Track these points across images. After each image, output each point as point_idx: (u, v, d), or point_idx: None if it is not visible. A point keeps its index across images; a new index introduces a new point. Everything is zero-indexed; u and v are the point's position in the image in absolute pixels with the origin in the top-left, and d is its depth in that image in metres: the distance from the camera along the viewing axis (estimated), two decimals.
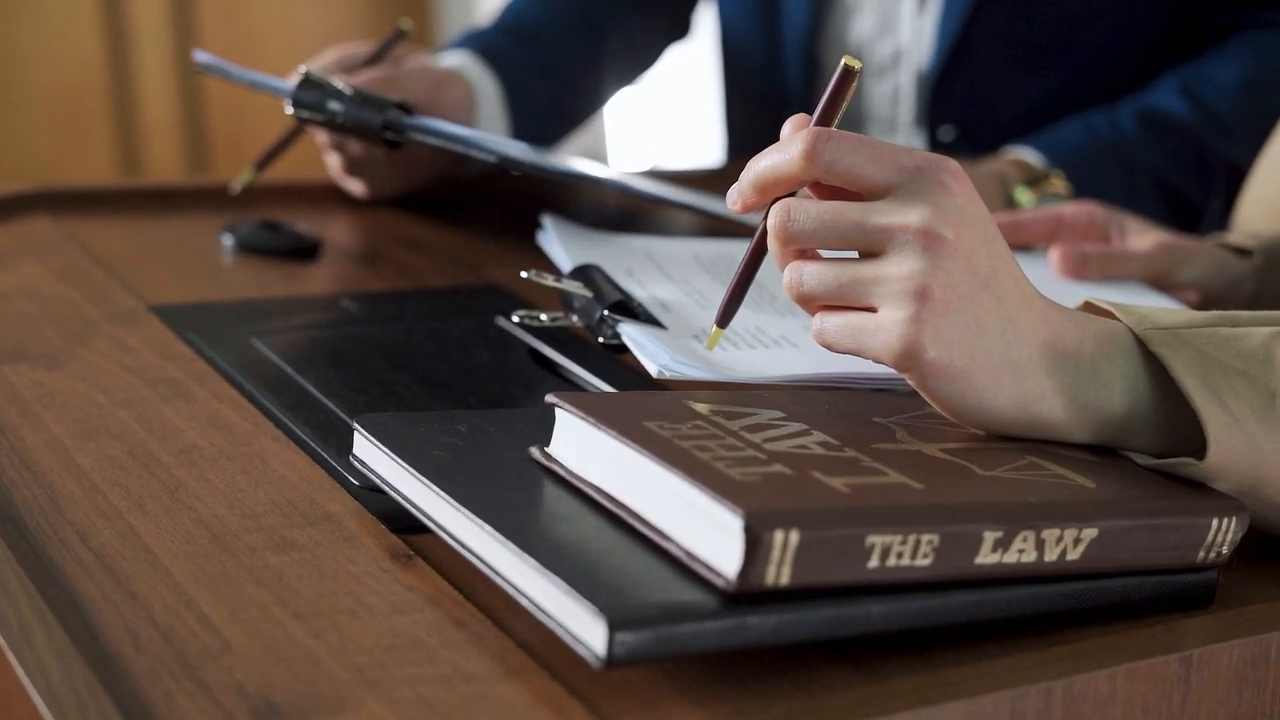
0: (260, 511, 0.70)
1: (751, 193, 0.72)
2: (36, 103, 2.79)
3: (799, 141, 0.69)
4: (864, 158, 0.69)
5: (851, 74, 0.71)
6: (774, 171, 0.70)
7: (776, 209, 0.70)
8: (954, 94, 1.45)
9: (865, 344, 0.68)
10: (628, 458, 0.62)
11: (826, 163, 0.69)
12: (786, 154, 0.70)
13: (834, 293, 0.69)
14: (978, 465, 0.66)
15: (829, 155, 0.69)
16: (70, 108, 2.84)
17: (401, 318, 0.99)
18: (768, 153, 0.71)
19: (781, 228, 0.70)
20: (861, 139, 0.69)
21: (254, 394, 0.83)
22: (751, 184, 0.71)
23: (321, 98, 1.08)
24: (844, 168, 0.69)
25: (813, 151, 0.69)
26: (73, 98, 2.85)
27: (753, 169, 0.71)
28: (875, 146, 0.69)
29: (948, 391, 0.68)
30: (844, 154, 0.69)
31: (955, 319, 0.67)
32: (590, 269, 0.88)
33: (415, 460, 0.66)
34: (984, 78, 1.45)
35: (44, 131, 2.82)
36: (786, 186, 0.71)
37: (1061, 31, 1.43)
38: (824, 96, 0.72)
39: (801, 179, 0.70)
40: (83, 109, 2.86)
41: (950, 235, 0.67)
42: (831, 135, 0.69)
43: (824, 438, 0.66)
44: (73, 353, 0.89)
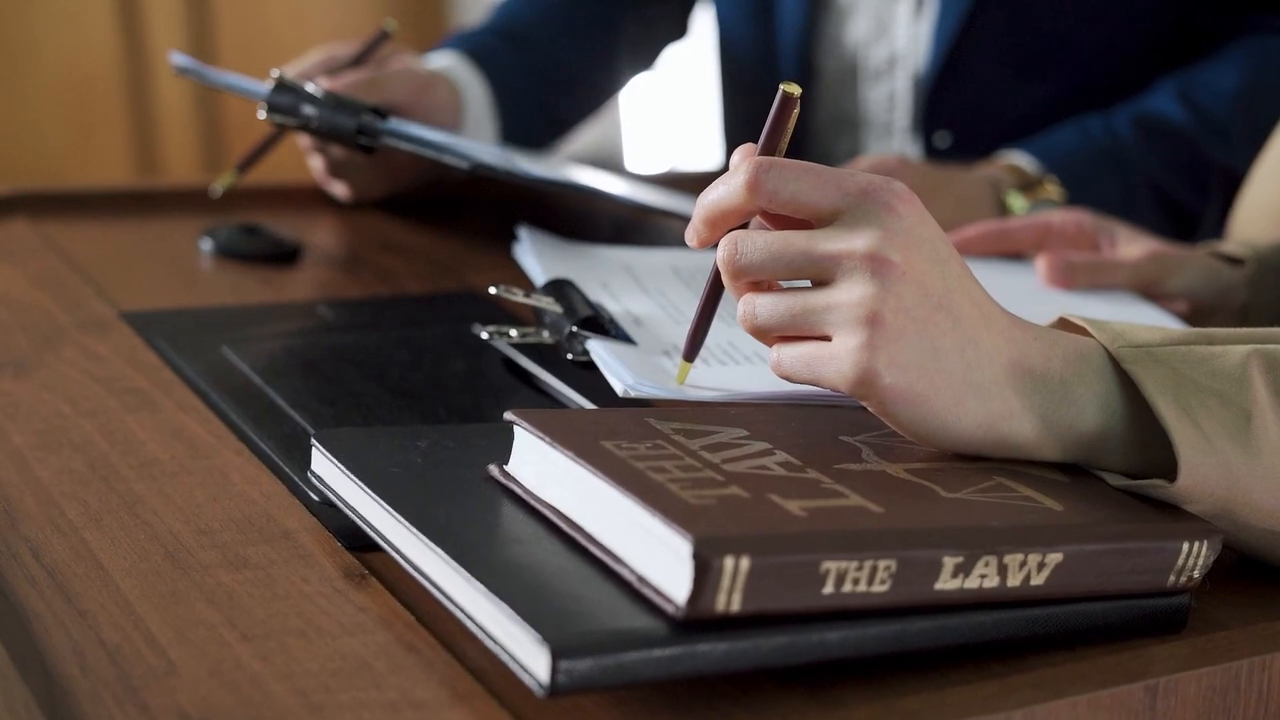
0: (216, 528, 0.69)
1: (703, 228, 0.71)
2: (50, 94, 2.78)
3: (741, 172, 0.69)
4: (807, 185, 0.68)
5: (791, 100, 0.71)
6: (720, 204, 0.70)
7: (724, 242, 0.69)
8: (950, 99, 1.44)
9: (821, 373, 0.68)
10: (582, 478, 0.62)
11: (769, 192, 0.68)
12: (730, 185, 0.69)
13: (788, 323, 0.69)
14: (942, 487, 0.65)
15: (771, 184, 0.68)
16: (84, 99, 2.83)
17: (377, 326, 0.98)
18: (714, 186, 0.70)
19: (730, 261, 0.69)
20: (805, 166, 0.68)
21: (220, 405, 0.82)
22: (701, 219, 0.71)
23: (295, 101, 1.08)
24: (788, 196, 0.68)
25: (755, 182, 0.68)
26: (86, 89, 2.84)
27: (701, 203, 0.71)
28: (819, 173, 0.68)
29: (908, 416, 0.67)
30: (786, 182, 0.68)
31: (909, 343, 0.66)
32: (562, 283, 0.88)
33: (370, 478, 0.66)
34: (980, 82, 1.44)
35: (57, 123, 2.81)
36: (735, 219, 0.70)
37: (1058, 36, 1.42)
38: (766, 125, 0.71)
39: (747, 210, 0.69)
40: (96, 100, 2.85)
41: (898, 258, 0.66)
42: (774, 165, 0.68)
43: (786, 458, 0.65)
44: (41, 360, 0.88)
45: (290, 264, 1.11)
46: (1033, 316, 0.79)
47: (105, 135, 2.87)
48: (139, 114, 2.92)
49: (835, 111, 1.52)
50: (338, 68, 1.21)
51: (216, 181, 1.20)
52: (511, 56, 1.38)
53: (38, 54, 2.76)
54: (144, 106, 2.93)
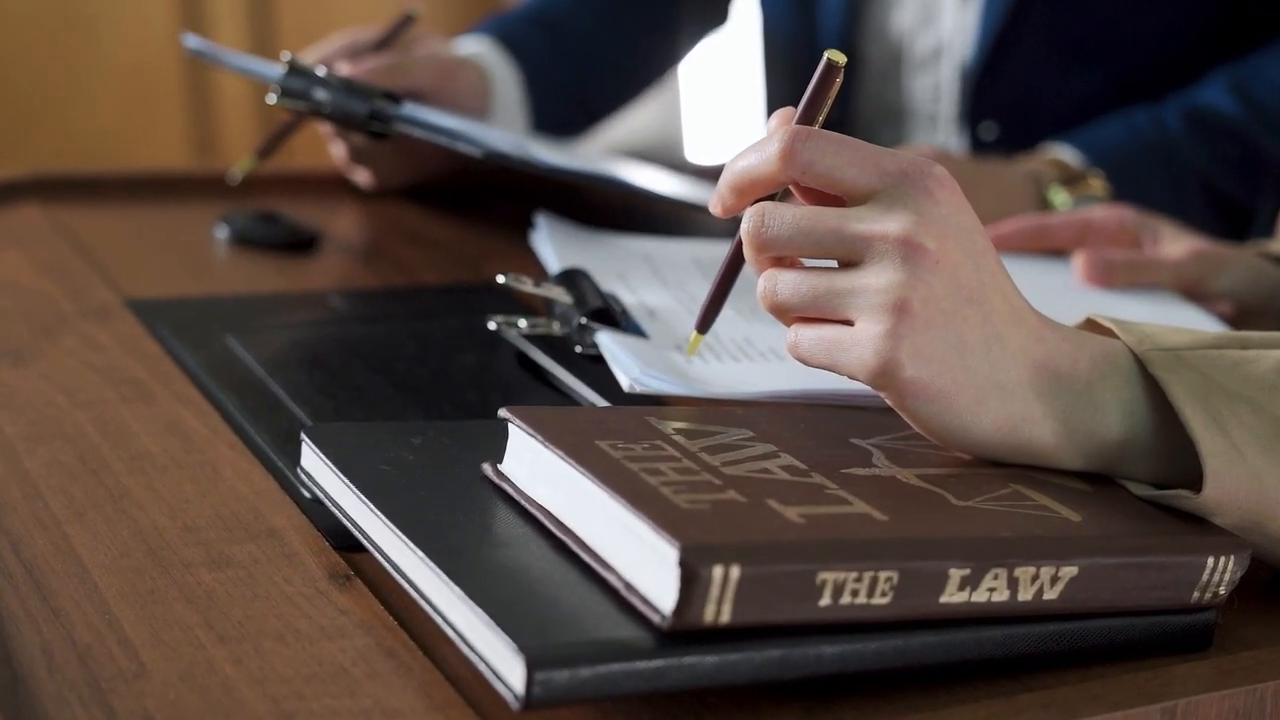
0: (202, 524, 0.68)
1: (729, 195, 0.68)
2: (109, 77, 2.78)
3: (776, 140, 0.66)
4: (844, 159, 0.65)
5: (835, 69, 0.68)
6: (750, 172, 0.67)
7: (750, 213, 0.67)
8: (996, 89, 1.41)
9: (840, 359, 0.65)
10: (572, 478, 0.60)
11: (804, 163, 0.66)
12: (763, 153, 0.67)
13: (809, 304, 0.66)
14: (954, 494, 0.63)
15: (807, 155, 0.65)
16: (143, 82, 2.82)
17: (388, 317, 0.97)
18: (746, 152, 0.68)
19: (755, 233, 0.67)
20: (844, 140, 0.66)
21: (218, 397, 0.81)
22: (729, 185, 0.68)
23: (307, 86, 1.06)
24: (823, 169, 0.66)
25: (790, 151, 0.66)
26: (146, 72, 2.83)
27: (730, 169, 0.68)
28: (857, 148, 0.66)
29: (927, 412, 0.65)
30: (823, 155, 0.65)
31: (936, 335, 0.64)
32: (575, 273, 0.86)
33: (356, 474, 0.64)
34: (1028, 73, 1.41)
35: (116, 106, 2.80)
36: (764, 188, 0.68)
37: (1109, 25, 1.38)
38: (806, 93, 0.69)
39: (778, 180, 0.67)
40: (156, 84, 2.84)
41: (932, 245, 0.64)
42: (811, 134, 0.66)
43: (791, 460, 0.63)
44: (41, 349, 0.87)
45: (307, 253, 1.09)
46: (1068, 316, 0.77)
47: (164, 119, 2.86)
48: (198, 98, 2.91)
49: (878, 102, 1.49)
50: (360, 52, 1.20)
51: (235, 167, 1.18)
52: (545, 43, 1.36)
53: (98, 38, 2.76)
54: (203, 90, 2.92)
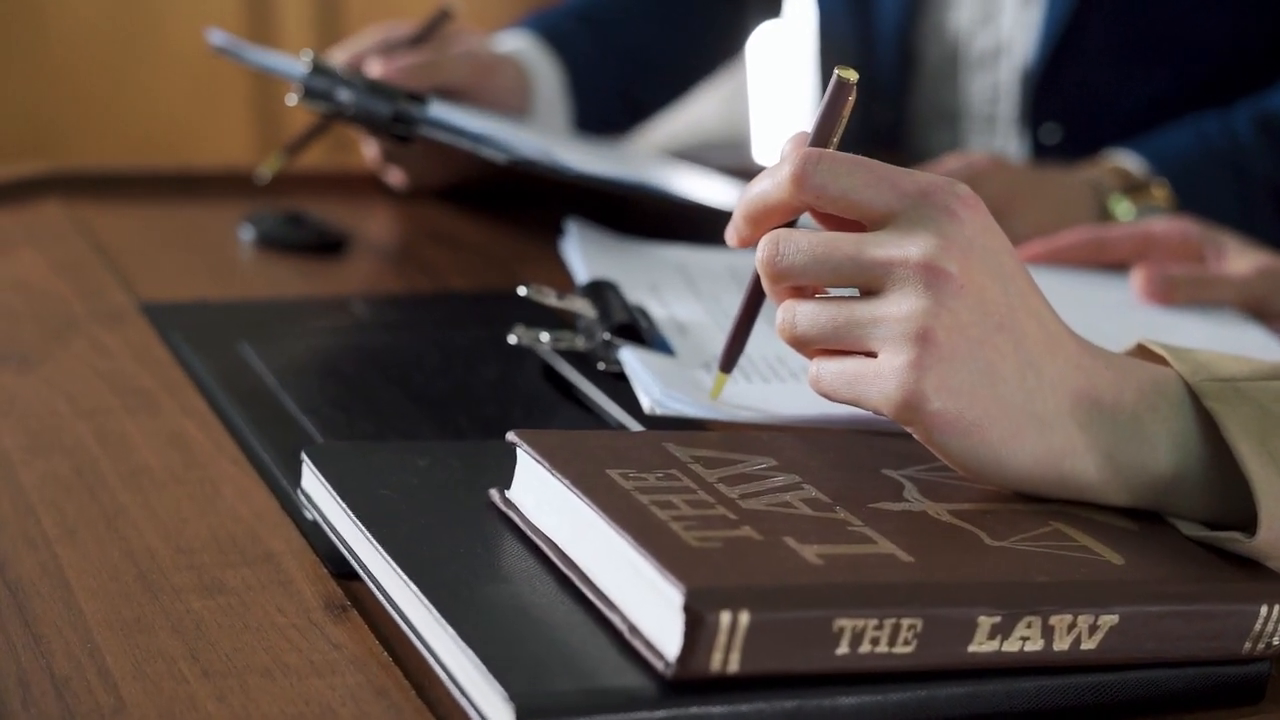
0: (197, 546, 0.66)
1: (744, 225, 0.66)
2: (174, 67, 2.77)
3: (788, 164, 0.64)
4: (860, 181, 0.63)
5: (846, 87, 0.66)
6: (764, 199, 0.65)
7: (764, 241, 0.64)
8: (1059, 91, 1.37)
9: (862, 393, 0.63)
10: (579, 510, 0.57)
11: (817, 187, 0.63)
12: (776, 179, 0.64)
13: (829, 335, 0.63)
14: (988, 533, 0.60)
15: (820, 179, 0.63)
16: (208, 73, 2.80)
17: (411, 325, 0.95)
18: (759, 178, 0.65)
19: (770, 262, 0.64)
20: (859, 160, 0.63)
21: (225, 409, 0.79)
22: (743, 214, 0.66)
23: (330, 86, 1.04)
24: (837, 192, 0.63)
25: (802, 175, 0.63)
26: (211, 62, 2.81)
27: (744, 198, 0.66)
28: (873, 169, 0.63)
29: (957, 447, 0.62)
30: (837, 177, 0.63)
31: (963, 365, 0.61)
32: (602, 285, 0.83)
33: (355, 500, 0.62)
34: (1092, 73, 1.37)
35: (181, 96, 2.80)
36: (779, 216, 0.65)
37: (1177, 24, 1.35)
38: (819, 111, 0.66)
39: (792, 206, 0.64)
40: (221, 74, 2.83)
41: (955, 269, 0.61)
42: (823, 156, 0.63)
43: (814, 493, 0.60)
44: (48, 353, 0.85)
45: (334, 255, 1.07)
46: (1126, 334, 0.74)
47: (228, 111, 2.86)
48: (264, 90, 2.91)
49: (934, 103, 1.46)
50: (394, 48, 1.17)
51: (263, 165, 1.16)
52: (589, 38, 1.34)
53: (164, 28, 2.76)
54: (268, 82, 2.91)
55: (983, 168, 1.13)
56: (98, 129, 2.67)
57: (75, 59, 2.64)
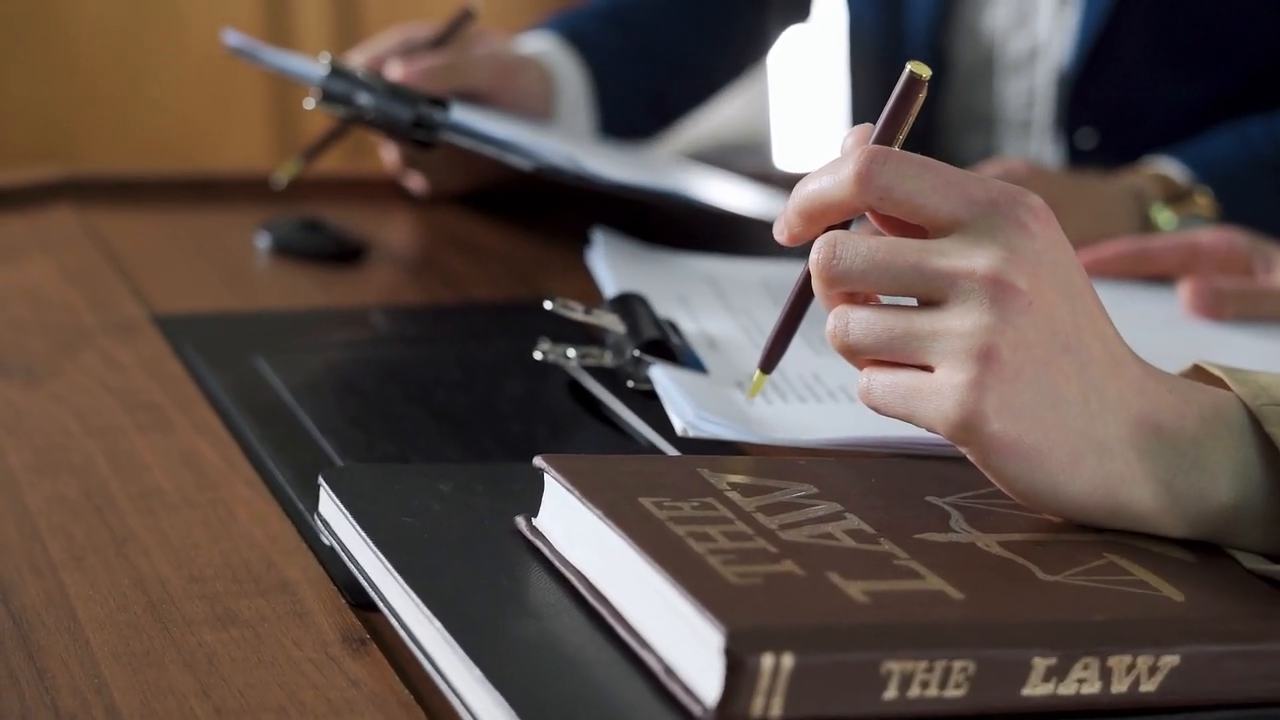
0: (210, 574, 0.63)
1: (798, 221, 0.63)
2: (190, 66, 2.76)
3: (851, 161, 0.61)
4: (928, 184, 0.60)
5: (918, 83, 0.63)
6: (822, 196, 0.62)
7: (821, 243, 0.62)
8: (1096, 95, 1.34)
9: (917, 409, 0.60)
10: (612, 541, 0.55)
11: (882, 188, 0.60)
12: (836, 176, 0.61)
13: (884, 346, 0.61)
14: (1041, 566, 0.57)
15: (886, 179, 0.60)
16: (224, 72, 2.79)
17: (432, 338, 0.92)
18: (818, 173, 0.63)
19: (825, 265, 0.61)
20: (927, 162, 0.60)
21: (240, 426, 0.77)
22: (797, 210, 0.63)
23: (349, 90, 1.01)
24: (903, 195, 0.60)
25: (866, 174, 0.60)
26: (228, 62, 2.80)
27: (799, 192, 0.63)
28: (942, 172, 0.60)
29: (1014, 471, 0.59)
30: (904, 179, 0.60)
31: (1026, 386, 0.58)
32: (630, 298, 0.80)
33: (375, 528, 0.59)
34: (1131, 77, 1.34)
35: (199, 97, 2.78)
36: (836, 215, 0.63)
37: (1220, 26, 1.32)
38: (886, 107, 0.63)
39: (852, 206, 0.62)
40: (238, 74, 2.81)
41: (1024, 285, 0.59)
42: (890, 155, 0.60)
43: (858, 524, 0.58)
44: (56, 367, 0.83)
45: (352, 264, 1.05)
46: (1173, 350, 0.71)
47: (245, 111, 2.84)
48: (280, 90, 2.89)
49: (967, 107, 1.43)
50: (415, 50, 1.15)
51: (280, 170, 1.14)
52: (614, 40, 1.32)
53: (183, 30, 2.74)
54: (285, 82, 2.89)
55: (1021, 175, 1.10)
56: (111, 128, 2.66)
57: (90, 57, 2.62)
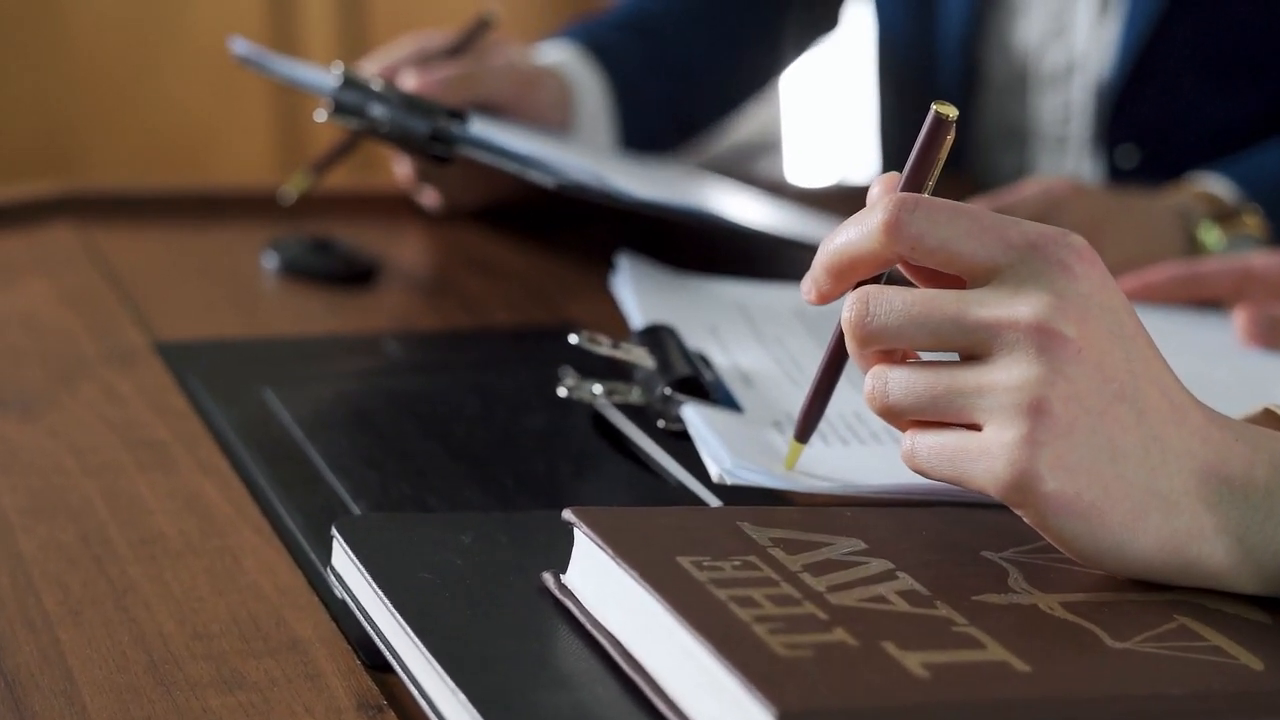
0: (215, 631, 0.60)
1: (825, 278, 0.60)
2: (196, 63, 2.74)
3: (879, 211, 0.58)
4: (961, 230, 0.57)
5: (945, 124, 0.60)
6: (850, 250, 0.59)
7: (852, 300, 0.59)
8: (1138, 110, 1.31)
9: (966, 471, 0.57)
10: (648, 605, 0.52)
11: (913, 237, 0.57)
12: (864, 227, 0.59)
13: (927, 405, 0.58)
14: (1109, 632, 0.54)
15: (916, 228, 0.57)
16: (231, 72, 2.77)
17: (449, 367, 0.89)
18: (844, 226, 0.60)
19: (859, 324, 0.58)
20: (959, 207, 0.58)
21: (247, 466, 0.74)
22: (825, 267, 0.60)
23: (363, 101, 0.98)
24: (936, 243, 0.57)
25: (895, 223, 0.57)
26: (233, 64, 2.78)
27: (826, 248, 0.60)
28: (976, 217, 0.57)
29: (1074, 531, 0.56)
30: (935, 226, 0.57)
31: (1081, 440, 0.55)
32: (660, 331, 0.77)
33: (392, 585, 0.56)
34: (1174, 91, 1.31)
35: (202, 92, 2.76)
36: (867, 269, 0.60)
37: (1267, 38, 1.29)
38: (913, 152, 0.60)
39: (883, 258, 0.59)
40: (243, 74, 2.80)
41: (1073, 332, 0.56)
42: (920, 203, 0.58)
43: (911, 584, 0.55)
44: (54, 399, 0.80)
45: (363, 286, 1.02)
46: (1227, 384, 0.68)
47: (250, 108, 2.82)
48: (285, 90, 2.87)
49: (1001, 122, 1.40)
50: (430, 59, 1.12)
51: (288, 183, 1.11)
52: (636, 51, 1.29)
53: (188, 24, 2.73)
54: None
55: (1063, 194, 1.07)
56: (115, 125, 2.65)
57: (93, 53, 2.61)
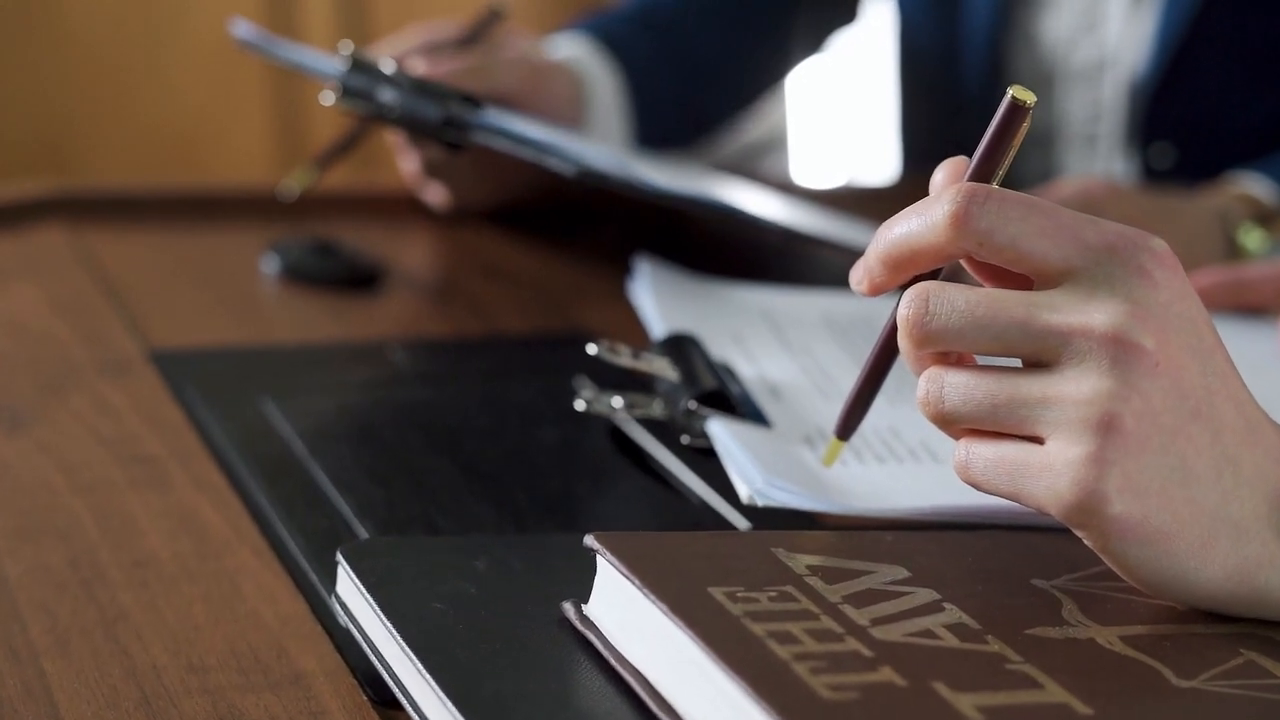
0: (212, 663, 0.57)
1: (881, 269, 0.57)
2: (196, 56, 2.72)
3: (946, 201, 0.55)
4: (1034, 227, 0.54)
5: (1021, 112, 0.57)
6: (911, 241, 0.56)
7: (911, 297, 0.55)
8: (1174, 107, 1.28)
9: (1025, 487, 0.54)
10: (678, 641, 0.49)
11: (982, 232, 0.54)
12: (929, 217, 0.55)
13: (986, 414, 0.55)
14: (1173, 669, 0.51)
15: (985, 222, 0.54)
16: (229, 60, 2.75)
17: (458, 376, 0.86)
18: (906, 214, 0.56)
19: (917, 323, 0.55)
20: (1033, 202, 0.54)
21: (246, 483, 0.71)
22: (881, 257, 0.57)
23: (372, 85, 0.95)
24: (1005, 240, 0.54)
25: (963, 215, 0.54)
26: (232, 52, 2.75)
27: (884, 236, 0.57)
28: (1050, 214, 0.54)
29: (1139, 558, 0.53)
30: (1006, 221, 0.54)
31: (1153, 460, 0.52)
32: (683, 341, 0.74)
33: (401, 617, 0.53)
34: (1212, 89, 1.28)
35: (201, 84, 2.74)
36: (927, 263, 0.56)
37: None
38: (984, 140, 0.57)
39: (946, 252, 0.55)
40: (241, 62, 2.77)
41: (1150, 344, 0.52)
42: (990, 195, 0.54)
43: (959, 616, 0.52)
44: (43, 411, 0.77)
45: (368, 291, 0.99)
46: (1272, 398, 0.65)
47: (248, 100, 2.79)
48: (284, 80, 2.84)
49: None
50: (439, 50, 1.09)
51: (290, 177, 1.08)
52: (650, 45, 1.26)
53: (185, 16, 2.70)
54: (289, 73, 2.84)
55: (1100, 195, 1.04)
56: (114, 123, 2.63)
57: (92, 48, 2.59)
